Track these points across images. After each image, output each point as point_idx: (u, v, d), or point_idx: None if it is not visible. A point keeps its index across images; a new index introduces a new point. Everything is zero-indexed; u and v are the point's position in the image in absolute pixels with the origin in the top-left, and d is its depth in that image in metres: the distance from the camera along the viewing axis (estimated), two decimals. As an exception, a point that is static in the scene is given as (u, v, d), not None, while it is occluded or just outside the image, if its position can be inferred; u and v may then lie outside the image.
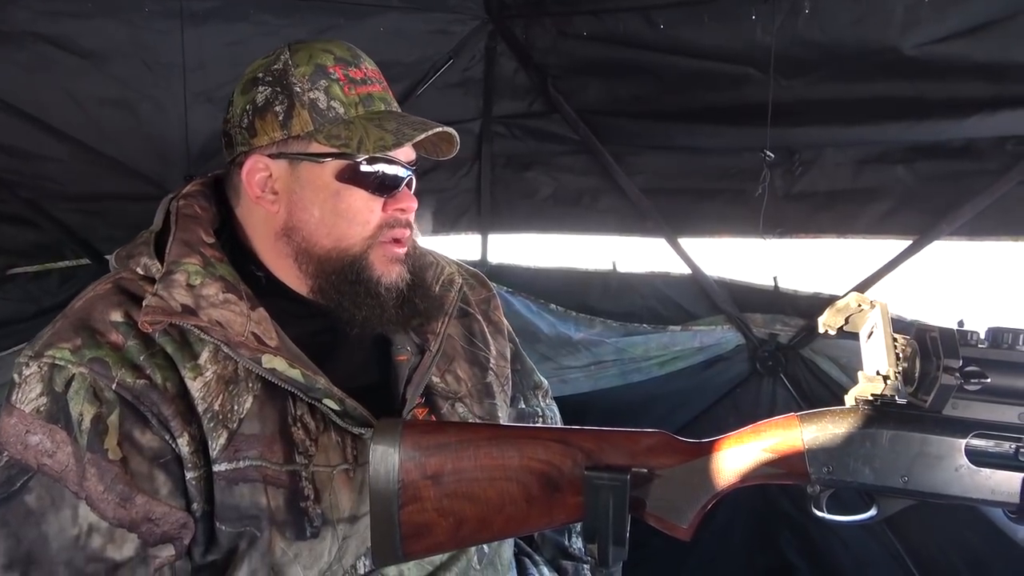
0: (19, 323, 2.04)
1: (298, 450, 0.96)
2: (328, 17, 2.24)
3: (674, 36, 2.20)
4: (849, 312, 0.92)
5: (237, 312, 0.95)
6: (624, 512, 0.83)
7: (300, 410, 0.97)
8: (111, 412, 0.89)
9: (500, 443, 0.89)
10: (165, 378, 0.92)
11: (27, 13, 1.89)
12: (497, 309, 1.27)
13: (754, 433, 0.85)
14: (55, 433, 0.88)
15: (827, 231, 2.18)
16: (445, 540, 0.89)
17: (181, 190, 1.06)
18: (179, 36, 2.02)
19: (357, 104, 0.99)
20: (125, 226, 2.22)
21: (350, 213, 0.99)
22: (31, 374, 0.90)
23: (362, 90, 1.00)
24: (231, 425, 0.93)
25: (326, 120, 0.98)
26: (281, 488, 0.94)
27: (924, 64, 1.90)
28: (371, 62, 1.05)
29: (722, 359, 2.38)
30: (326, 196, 0.99)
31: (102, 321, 0.93)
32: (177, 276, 0.94)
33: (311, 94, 0.97)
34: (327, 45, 1.02)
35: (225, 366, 0.94)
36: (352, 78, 1.00)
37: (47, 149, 2.03)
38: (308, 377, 0.94)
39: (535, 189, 2.60)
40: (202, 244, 0.98)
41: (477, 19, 2.47)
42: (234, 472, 0.93)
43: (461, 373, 1.14)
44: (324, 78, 0.98)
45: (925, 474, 0.80)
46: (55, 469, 0.88)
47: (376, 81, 1.03)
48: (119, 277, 0.99)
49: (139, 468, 0.90)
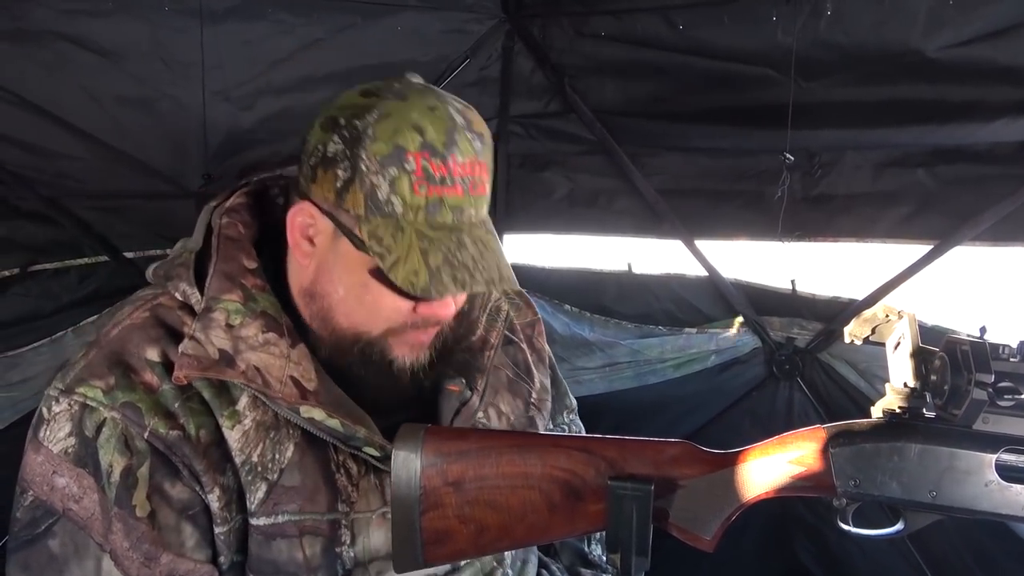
0: (39, 319, 2.05)
1: (341, 497, 0.93)
2: (345, 16, 2.24)
3: (693, 37, 2.18)
4: (876, 322, 0.91)
5: (276, 354, 0.90)
6: (647, 522, 0.83)
7: (342, 456, 0.94)
8: (141, 464, 0.86)
9: (522, 451, 0.88)
10: (199, 425, 0.88)
11: (47, 12, 1.90)
12: (541, 335, 1.22)
13: (780, 444, 0.84)
14: (83, 478, 0.85)
15: (846, 235, 2.16)
16: (466, 547, 0.88)
17: (225, 199, 1.00)
18: (198, 34, 2.03)
19: (420, 209, 0.86)
20: (142, 223, 2.25)
21: (374, 308, 0.91)
22: (61, 411, 0.87)
23: (435, 191, 0.86)
24: (271, 476, 0.90)
25: (379, 213, 0.85)
26: (320, 536, 0.92)
27: (947, 67, 1.88)
28: (469, 148, 0.87)
29: (738, 362, 2.37)
30: (354, 282, 0.90)
31: (137, 357, 0.89)
32: (216, 315, 0.90)
33: (374, 178, 0.85)
34: (424, 119, 0.85)
35: (265, 411, 0.91)
36: (430, 174, 0.85)
37: (66, 147, 2.04)
38: (348, 427, 0.91)
39: (551, 189, 2.59)
40: (244, 273, 0.93)
41: (494, 18, 2.46)
42: (272, 527, 0.90)
43: (504, 407, 1.10)
44: (396, 166, 0.84)
45: (954, 489, 0.79)
46: (81, 516, 0.85)
47: (460, 181, 0.87)
48: (157, 303, 0.94)
49: (167, 520, 0.87)
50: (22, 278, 2.03)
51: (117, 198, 2.17)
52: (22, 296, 2.04)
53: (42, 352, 2.02)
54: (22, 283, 2.03)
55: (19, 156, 1.99)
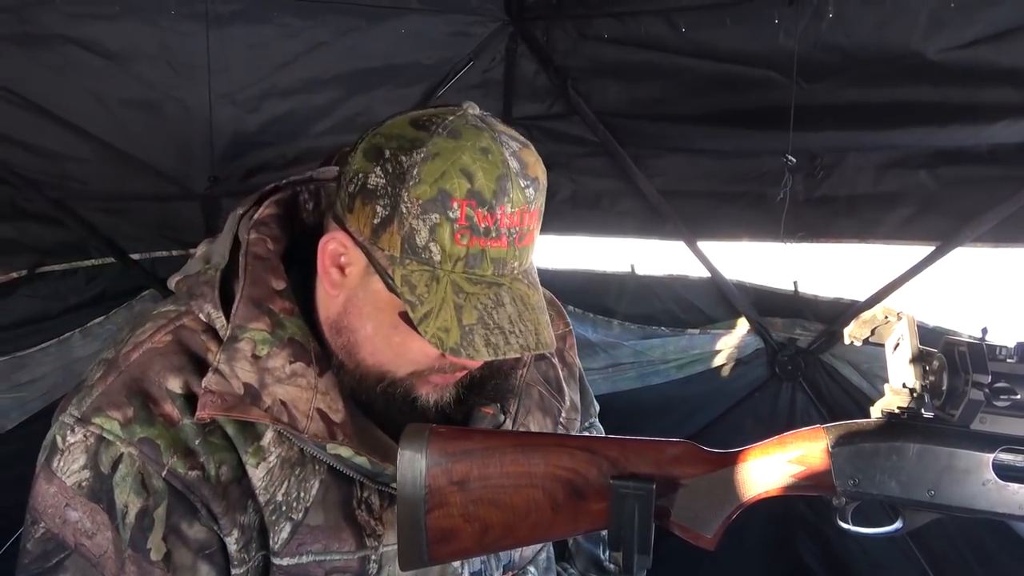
0: (47, 320, 2.07)
1: (366, 532, 0.91)
2: (350, 19, 2.26)
3: (696, 39, 2.19)
4: (875, 323, 0.92)
5: (304, 386, 0.87)
6: (649, 521, 0.84)
7: (367, 492, 0.92)
8: (158, 504, 0.83)
9: (526, 450, 0.89)
10: (221, 462, 0.85)
11: (55, 16, 1.92)
12: (572, 348, 1.19)
13: (780, 444, 0.85)
14: (96, 514, 0.82)
15: (848, 236, 2.17)
16: (471, 545, 0.89)
17: (251, 207, 0.95)
18: (204, 38, 2.04)
19: (460, 260, 0.81)
20: (149, 225, 2.27)
21: (402, 350, 0.87)
22: (76, 443, 0.83)
23: (476, 243, 0.81)
24: (295, 516, 0.88)
25: (415, 258, 0.81)
26: (348, 574, 0.90)
27: (948, 69, 1.89)
28: (524, 193, 0.82)
29: (741, 363, 2.38)
30: (383, 322, 0.86)
31: (158, 386, 0.85)
32: (242, 345, 0.85)
33: (414, 222, 0.80)
34: (474, 164, 0.79)
35: (291, 447, 0.88)
36: (474, 224, 0.80)
37: (73, 149, 2.06)
38: (375, 464, 0.89)
39: (554, 191, 2.60)
40: (271, 298, 0.89)
41: (497, 21, 2.48)
42: (296, 567, 0.88)
43: (534, 427, 1.06)
44: (439, 212, 0.79)
45: (952, 488, 0.80)
46: (93, 552, 0.82)
47: (506, 232, 0.82)
48: (180, 325, 0.90)
49: (183, 561, 0.84)
50: (30, 279, 2.05)
51: (123, 200, 2.18)
52: (30, 297, 2.05)
53: (49, 353, 2.04)
54: (30, 284, 2.05)
55: (26, 158, 2.01)
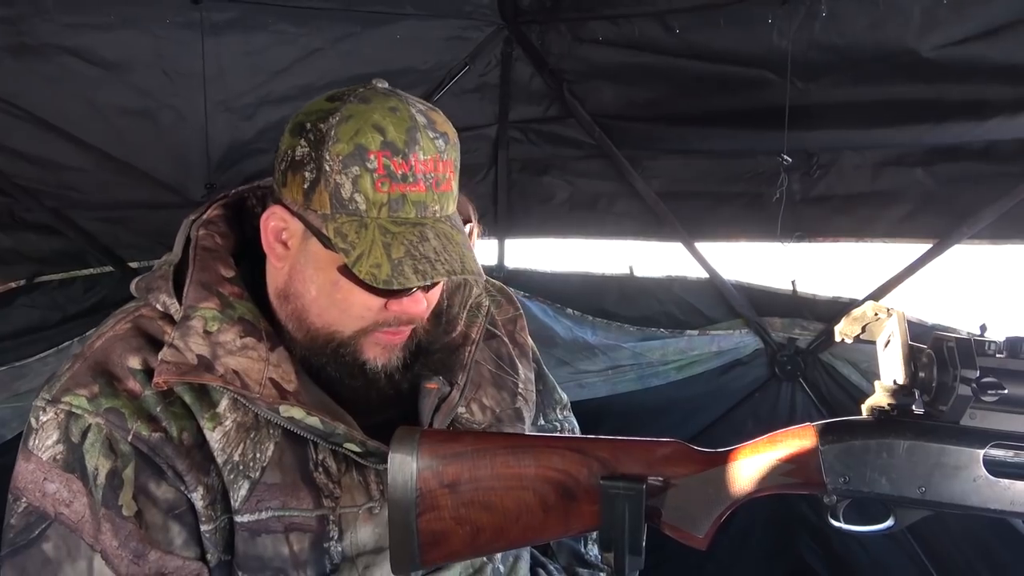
0: (46, 330, 2.08)
1: (323, 494, 0.95)
2: (345, 25, 2.26)
3: (690, 40, 2.20)
4: (866, 321, 0.92)
5: (255, 358, 0.93)
6: (640, 521, 0.84)
7: (322, 454, 0.96)
8: (126, 465, 0.89)
9: (516, 452, 0.89)
10: (181, 428, 0.91)
11: (51, 25, 1.92)
12: (523, 330, 1.24)
13: (770, 443, 0.85)
14: (72, 483, 0.88)
15: (845, 235, 2.17)
16: (462, 548, 0.90)
17: (202, 213, 1.03)
18: (199, 46, 2.05)
19: (383, 205, 0.88)
20: (146, 234, 2.27)
21: (345, 305, 0.93)
22: (48, 420, 0.90)
23: (396, 188, 0.88)
24: (252, 475, 0.93)
25: (344, 211, 0.89)
26: (308, 533, 0.94)
27: (943, 66, 1.88)
28: (432, 146, 0.91)
29: (740, 363, 2.37)
30: (325, 280, 0.93)
31: (120, 366, 0.92)
32: (194, 323, 0.92)
33: (338, 178, 0.88)
34: (384, 119, 0.89)
35: (245, 413, 0.93)
36: (391, 171, 0.88)
37: (70, 159, 2.07)
38: (327, 424, 0.93)
39: (551, 194, 2.61)
40: (220, 282, 0.96)
41: (493, 25, 2.48)
42: (256, 523, 0.93)
43: (487, 400, 1.11)
44: (359, 164, 0.87)
45: (943, 485, 0.79)
46: (72, 519, 0.88)
47: (423, 177, 0.90)
48: (139, 315, 0.97)
49: (154, 520, 0.90)
50: (28, 289, 2.06)
51: (121, 209, 2.19)
52: (28, 307, 2.06)
53: (48, 363, 2.05)
54: (28, 294, 2.06)
55: (24, 168, 2.01)
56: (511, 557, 1.14)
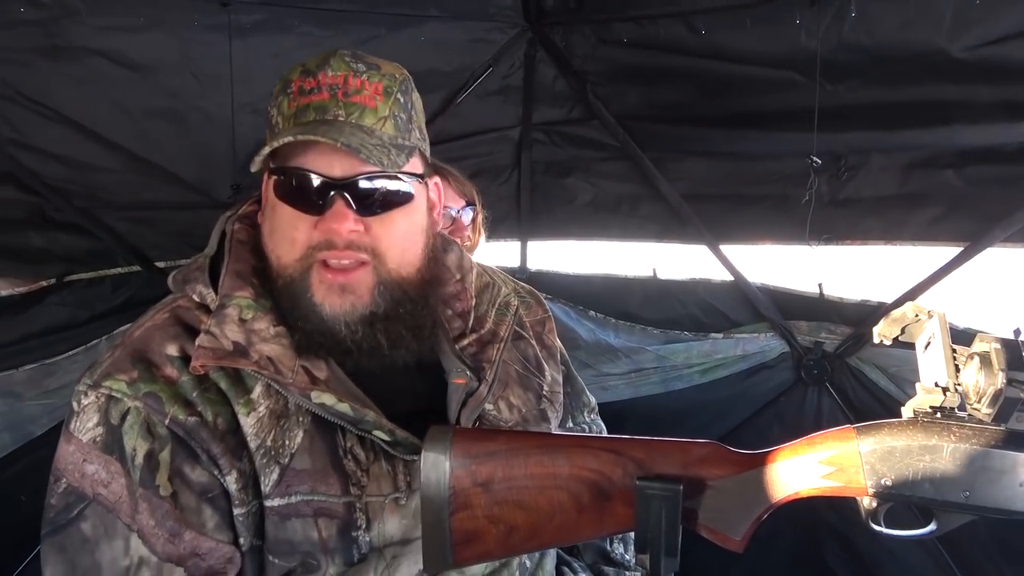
0: (75, 327, 2.10)
1: (351, 481, 0.96)
2: (370, 28, 2.28)
3: (716, 42, 2.18)
4: (906, 322, 0.90)
5: (287, 345, 0.95)
6: (676, 523, 0.82)
7: (350, 442, 0.97)
8: (163, 448, 0.91)
9: (550, 452, 0.88)
10: (216, 414, 0.93)
11: (82, 28, 1.95)
12: (551, 332, 1.24)
13: (809, 445, 0.83)
14: (110, 464, 0.90)
15: (874, 237, 2.14)
16: (495, 547, 0.89)
17: (238, 209, 1.07)
18: (226, 48, 2.07)
19: (292, 117, 0.94)
20: (173, 233, 2.29)
21: (281, 229, 0.96)
22: (89, 404, 0.92)
23: (303, 101, 0.94)
24: (282, 460, 0.94)
25: (273, 135, 0.95)
26: (335, 519, 0.95)
27: (974, 67, 1.86)
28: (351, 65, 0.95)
29: (765, 367, 2.35)
30: (270, 211, 0.97)
31: (158, 354, 0.94)
32: (229, 311, 0.95)
33: (273, 110, 0.97)
34: (316, 58, 0.97)
35: (277, 400, 0.95)
36: (303, 89, 0.95)
37: (99, 159, 2.09)
38: (357, 411, 0.94)
39: (574, 195, 2.60)
40: (254, 273, 0.99)
41: (516, 27, 2.48)
42: (286, 507, 0.94)
43: (514, 399, 1.12)
44: (283, 93, 0.96)
45: (988, 489, 0.77)
46: (109, 499, 0.90)
47: (326, 88, 0.94)
48: (176, 305, 1.00)
49: (188, 502, 0.91)
50: (59, 288, 2.08)
51: (148, 209, 2.21)
52: (58, 305, 2.08)
53: (77, 360, 2.07)
54: (59, 292, 2.08)
55: (56, 169, 2.04)
56: (537, 553, 1.14)
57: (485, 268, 1.19)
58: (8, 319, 2.01)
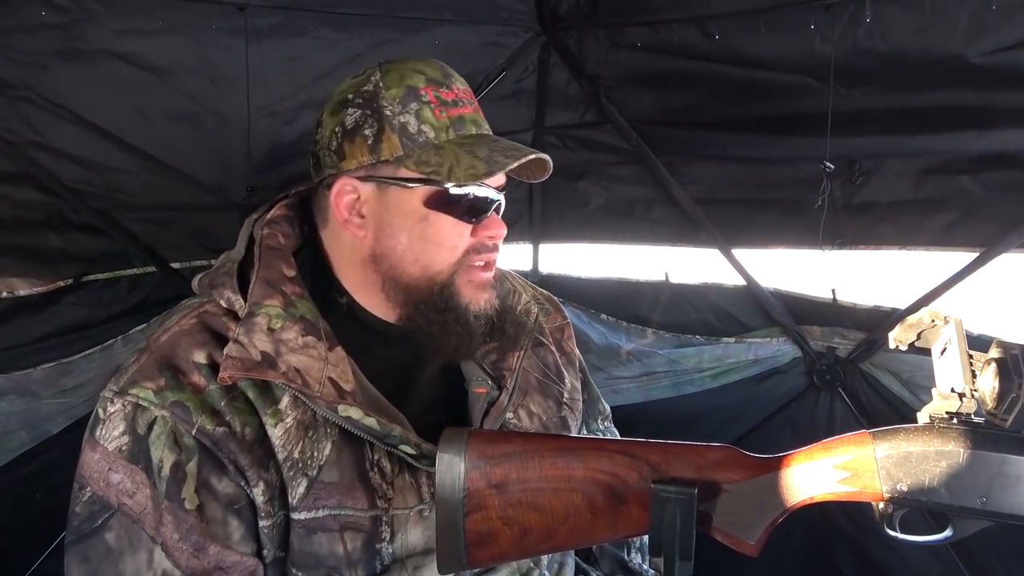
0: (92, 328, 2.11)
1: (378, 495, 0.96)
2: (384, 31, 2.29)
3: (730, 46, 2.18)
4: (922, 327, 0.90)
5: (315, 356, 0.95)
6: (691, 526, 0.83)
7: (377, 455, 0.97)
8: (190, 459, 0.90)
9: (565, 454, 0.89)
10: (244, 423, 0.92)
11: (101, 31, 1.96)
12: (570, 339, 1.25)
13: (824, 449, 0.84)
14: (135, 474, 0.90)
15: (888, 243, 2.13)
16: (509, 549, 0.90)
17: (265, 212, 1.06)
18: (243, 51, 2.08)
19: (448, 128, 0.96)
20: (187, 235, 2.31)
21: (438, 239, 0.98)
22: (115, 411, 0.91)
23: (453, 112, 0.97)
24: (310, 473, 0.93)
25: (416, 145, 0.95)
26: (361, 532, 0.95)
27: (990, 72, 1.85)
28: (462, 81, 1.02)
29: (777, 372, 2.34)
30: (414, 222, 0.97)
31: (186, 360, 0.94)
32: (258, 319, 0.94)
33: (401, 118, 0.95)
34: (418, 65, 0.99)
35: (304, 411, 0.95)
36: (443, 100, 0.97)
37: (118, 161, 2.10)
38: (384, 425, 0.94)
39: (587, 199, 2.60)
40: (283, 281, 0.98)
41: (530, 31, 2.49)
42: (313, 521, 0.93)
43: (534, 407, 1.12)
44: (415, 101, 0.96)
45: (1004, 495, 0.78)
46: (134, 510, 0.89)
47: (467, 102, 1.00)
48: (203, 310, 0.99)
49: (214, 514, 0.91)
50: (75, 288, 2.10)
51: (164, 210, 2.22)
52: (76, 305, 2.10)
53: (93, 360, 2.08)
54: (75, 293, 2.10)
55: (74, 170, 2.05)
56: (556, 563, 1.14)
57: (506, 274, 1.19)
58: (26, 319, 2.03)
